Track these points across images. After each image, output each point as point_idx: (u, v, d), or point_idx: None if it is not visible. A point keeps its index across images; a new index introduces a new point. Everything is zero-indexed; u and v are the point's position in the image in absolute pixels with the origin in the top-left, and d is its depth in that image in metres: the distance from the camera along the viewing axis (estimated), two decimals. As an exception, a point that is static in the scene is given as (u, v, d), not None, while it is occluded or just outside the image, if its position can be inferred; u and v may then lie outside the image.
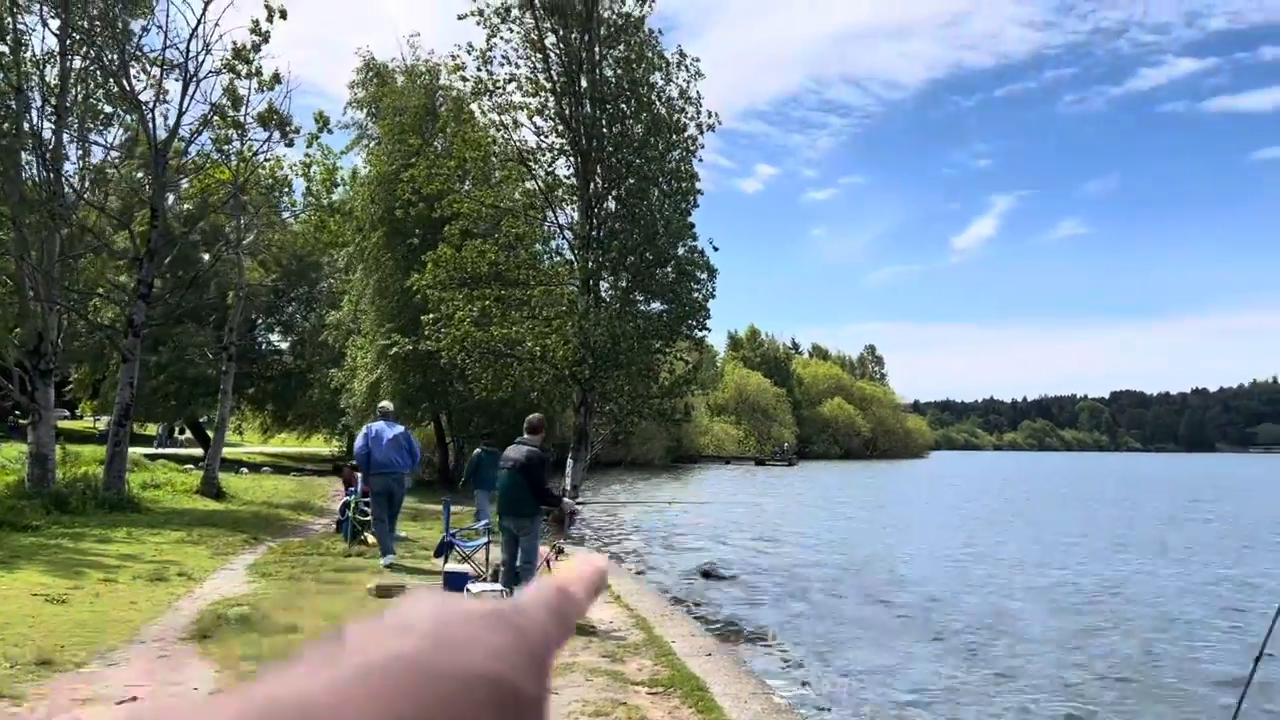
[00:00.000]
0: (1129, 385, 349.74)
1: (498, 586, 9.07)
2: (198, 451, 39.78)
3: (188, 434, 50.20)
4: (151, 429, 59.59)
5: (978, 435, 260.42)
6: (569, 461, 19.51)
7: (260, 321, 42.33)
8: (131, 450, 30.34)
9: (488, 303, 19.16)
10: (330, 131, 21.32)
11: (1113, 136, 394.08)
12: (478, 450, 16.73)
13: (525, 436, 9.44)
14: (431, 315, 19.74)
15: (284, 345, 45.12)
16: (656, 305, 21.26)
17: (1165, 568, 18.13)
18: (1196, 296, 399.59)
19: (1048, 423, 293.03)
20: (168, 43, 18.07)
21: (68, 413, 60.42)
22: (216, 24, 18.45)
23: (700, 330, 21.82)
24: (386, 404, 13.59)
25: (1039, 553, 20.35)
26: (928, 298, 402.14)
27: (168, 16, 18.47)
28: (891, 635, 11.30)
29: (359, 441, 12.56)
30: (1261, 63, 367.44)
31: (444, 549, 11.40)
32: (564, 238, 21.50)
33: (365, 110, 32.12)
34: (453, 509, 12.64)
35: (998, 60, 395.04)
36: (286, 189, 23.41)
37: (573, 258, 20.76)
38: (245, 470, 33.53)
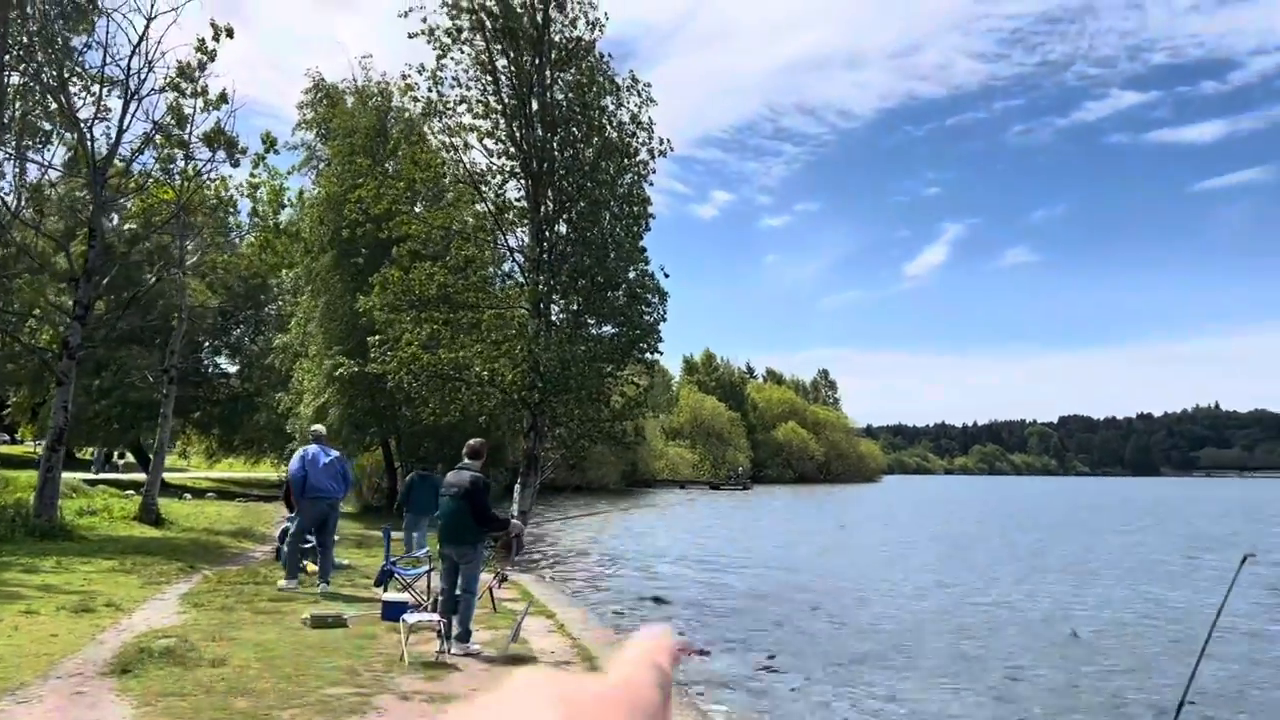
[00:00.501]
0: (1076, 410, 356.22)
1: (435, 616, 8.84)
2: (140, 477, 38.82)
3: (127, 458, 48.85)
4: (90, 454, 58.16)
5: (929, 459, 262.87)
6: (517, 486, 19.25)
7: (207, 344, 41.55)
8: (72, 476, 29.63)
9: (436, 325, 18.91)
10: (277, 152, 21.05)
11: (1059, 166, 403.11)
12: (411, 474, 16.62)
13: (467, 461, 9.26)
14: (378, 337, 19.45)
15: (231, 368, 44.37)
16: (608, 329, 21.15)
17: (1088, 591, 18.30)
18: (1141, 323, 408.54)
19: (998, 447, 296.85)
20: (108, 59, 17.70)
21: (7, 437, 58.74)
22: (159, 41, 18.06)
23: (652, 353, 21.70)
24: (319, 427, 13.24)
25: (997, 578, 20.46)
26: (880, 323, 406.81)
27: (108, 33, 17.98)
28: (844, 662, 11.22)
29: (294, 464, 12.25)
30: (1201, 96, 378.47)
31: (384, 577, 11.15)
32: (515, 260, 21.35)
33: (314, 131, 31.81)
34: (393, 535, 12.38)
35: (949, 91, 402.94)
36: (232, 209, 23.04)
37: (524, 280, 20.60)
38: (188, 496, 32.78)
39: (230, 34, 19.39)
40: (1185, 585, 19.40)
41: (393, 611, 9.66)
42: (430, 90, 19.32)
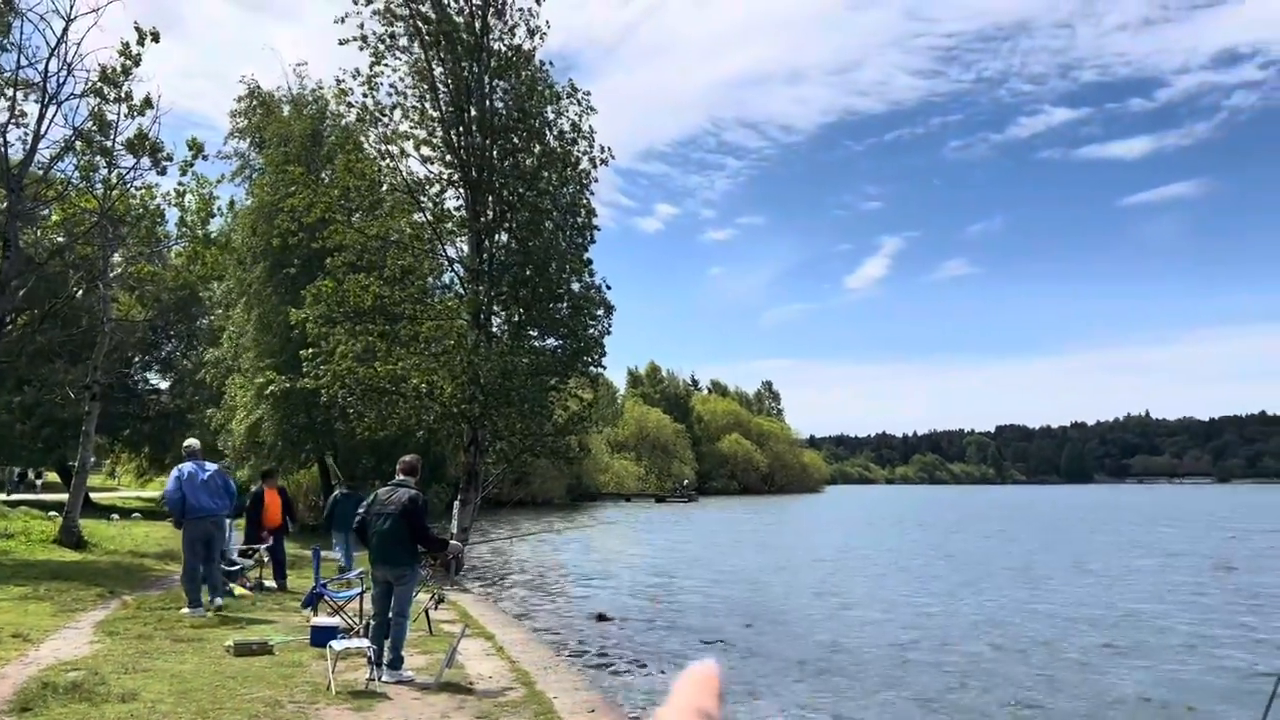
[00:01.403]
0: (1013, 420, 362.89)
1: (365, 642, 8.40)
2: (65, 497, 37.41)
3: (45, 477, 46.90)
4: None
5: (871, 469, 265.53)
6: (456, 503, 18.77)
7: (136, 360, 40.25)
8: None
9: (371, 338, 18.37)
10: (206, 158, 20.35)
11: (995, 181, 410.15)
12: (336, 492, 16.74)
13: (402, 478, 8.84)
14: (311, 351, 18.84)
15: (162, 384, 43.04)
16: (551, 341, 20.80)
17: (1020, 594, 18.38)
18: (1074, 334, 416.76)
19: (937, 457, 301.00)
20: (23, 62, 16.95)
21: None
22: (79, 44, 17.36)
23: (596, 366, 21.39)
24: (193, 442, 12.55)
25: (950, 586, 20.45)
26: (822, 335, 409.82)
27: (21, 34, 17.22)
28: (793, 680, 10.98)
29: (170, 485, 11.56)
30: (1129, 113, 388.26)
31: (313, 600, 10.65)
32: (454, 272, 20.91)
33: (249, 140, 30.99)
34: (325, 556, 11.88)
35: (887, 106, 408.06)
36: (159, 219, 22.25)
37: (463, 291, 20.17)
38: (115, 516, 31.57)
39: (156, 38, 18.72)
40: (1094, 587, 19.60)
41: (321, 636, 9.17)
42: (365, 97, 18.86)
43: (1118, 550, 31.01)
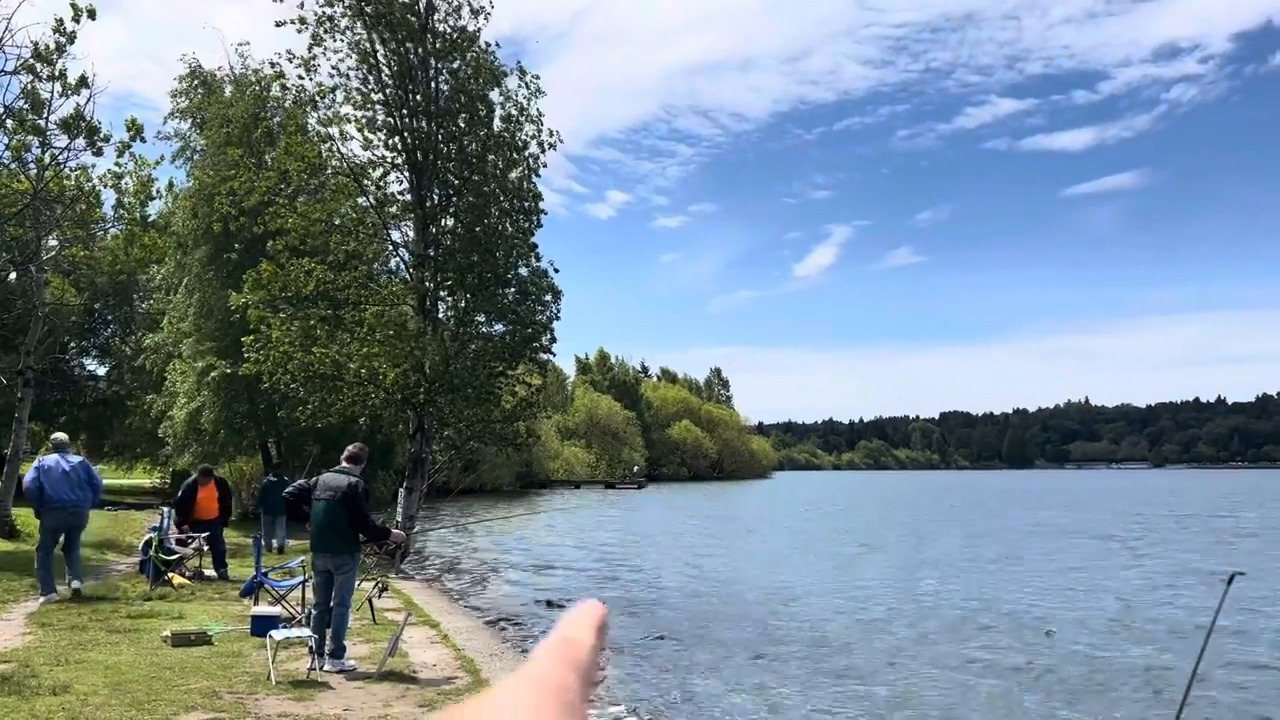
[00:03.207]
0: (957, 406, 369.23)
1: (307, 631, 8.31)
2: (-3, 486, 36.41)
3: None
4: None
5: (818, 456, 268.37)
6: (402, 491, 18.60)
7: (72, 345, 39.27)
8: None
9: (311, 323, 18.10)
10: (144, 140, 19.82)
11: (942, 170, 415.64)
12: (264, 479, 19.04)
13: (345, 465, 8.74)
14: (251, 337, 18.52)
15: (100, 370, 42.07)
16: (498, 327, 20.66)
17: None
18: (1015, 321, 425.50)
19: (883, 443, 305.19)
20: (-51, 36, 16.35)
21: None
22: (8, 20, 16.79)
23: (545, 353, 21.30)
24: (60, 435, 12.79)
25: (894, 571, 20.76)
26: (771, 323, 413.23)
27: (-55, 7, 16.63)
28: (742, 667, 11.08)
29: (29, 476, 11.76)
30: (1073, 105, 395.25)
31: (252, 588, 10.51)
32: (400, 257, 20.66)
33: (189, 121, 30.30)
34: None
35: (838, 95, 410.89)
36: (95, 201, 21.67)
37: (409, 277, 19.94)
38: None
39: (92, 15, 18.15)
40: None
41: (261, 626, 9.06)
42: (302, 79, 18.52)
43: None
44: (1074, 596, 16.84)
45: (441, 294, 19.60)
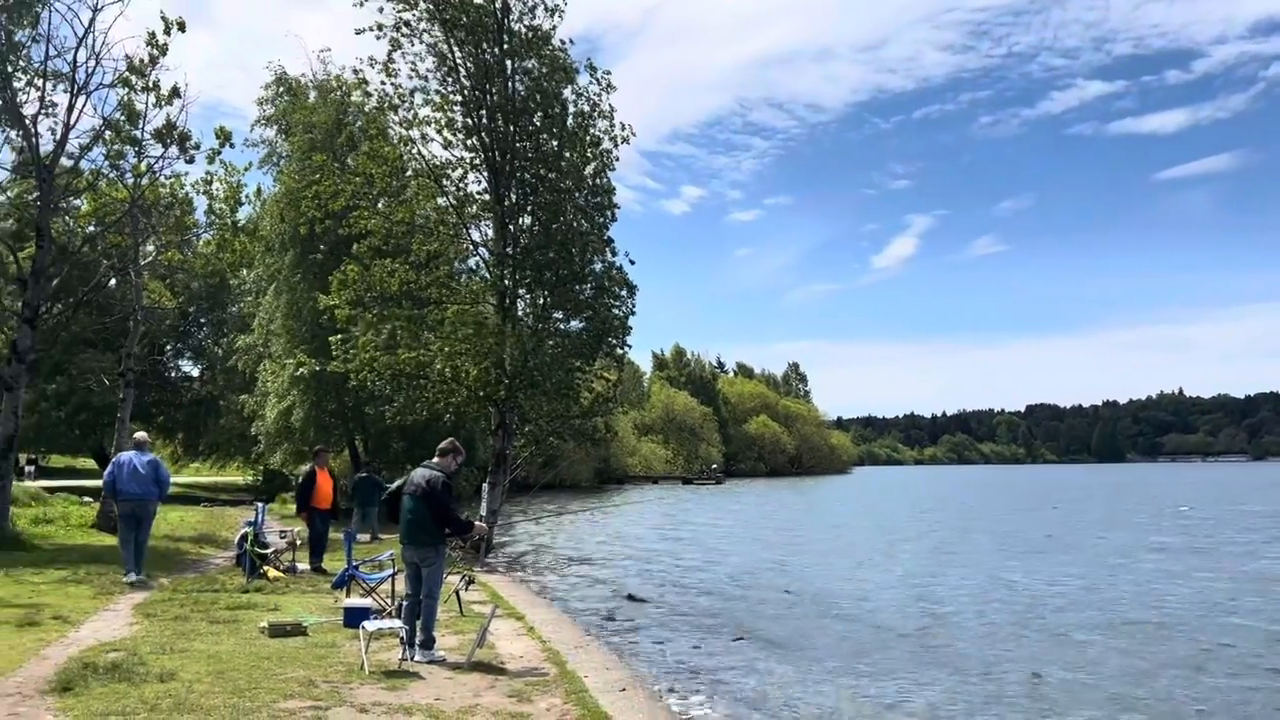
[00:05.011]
0: (1043, 399, 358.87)
1: (398, 623, 8.49)
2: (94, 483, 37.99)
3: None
4: (57, 461, 56.75)
5: (899, 450, 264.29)
6: (485, 486, 18.88)
7: (169, 347, 40.77)
8: (35, 484, 28.84)
9: (395, 324, 18.49)
10: (232, 146, 20.47)
11: (1026, 157, 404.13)
12: (358, 475, 19.90)
13: (434, 460, 8.90)
14: (340, 336, 19.00)
15: (195, 371, 43.58)
16: (575, 323, 20.84)
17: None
18: (1105, 311, 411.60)
19: (967, 437, 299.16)
20: (52, 52, 17.10)
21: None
22: (106, 34, 17.49)
23: (621, 347, 21.43)
24: (141, 434, 13.89)
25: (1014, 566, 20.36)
26: (849, 316, 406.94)
27: (49, 25, 17.38)
28: (822, 661, 10.99)
29: (108, 469, 13.13)
30: (1165, 86, 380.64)
31: (344, 581, 10.77)
32: (480, 255, 20.97)
33: (275, 127, 31.16)
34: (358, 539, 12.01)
35: (916, 83, 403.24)
36: (188, 207, 22.47)
37: (489, 276, 20.22)
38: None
39: (182, 28, 18.83)
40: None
41: (355, 618, 9.28)
42: (384, 84, 18.90)
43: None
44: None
45: (520, 291, 19.84)
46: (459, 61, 18.65)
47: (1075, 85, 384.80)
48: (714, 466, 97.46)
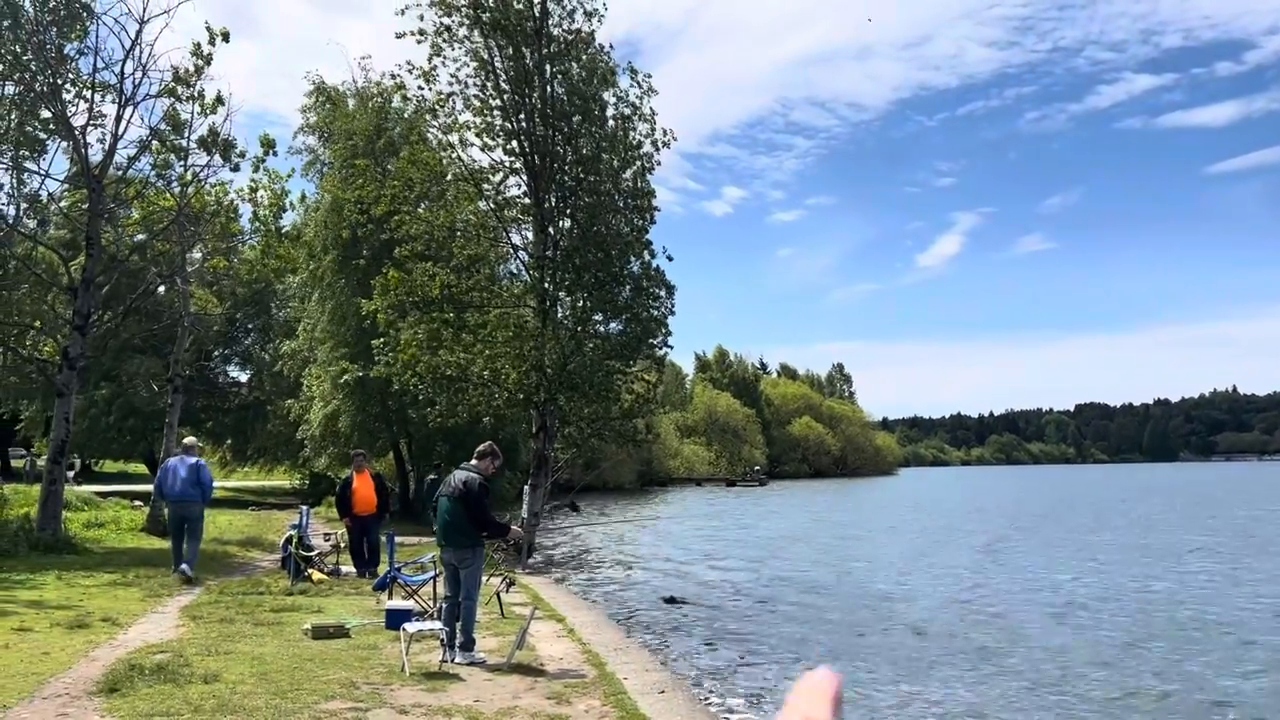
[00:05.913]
0: (1093, 398, 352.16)
1: (439, 625, 8.50)
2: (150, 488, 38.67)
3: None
4: (110, 466, 57.83)
5: (945, 451, 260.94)
6: (526, 489, 18.93)
7: (216, 353, 41.40)
8: (84, 489, 29.46)
9: (436, 326, 18.59)
10: (275, 154, 20.77)
11: (1073, 153, 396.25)
12: (429, 476, 19.01)
13: (472, 462, 8.91)
14: (382, 340, 19.16)
15: (242, 376, 44.21)
16: (615, 325, 20.82)
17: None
18: (1156, 308, 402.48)
19: (1014, 437, 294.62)
20: (100, 64, 17.44)
21: (25, 451, 58.51)
22: (152, 45, 17.80)
23: (661, 349, 21.37)
24: (189, 439, 14.49)
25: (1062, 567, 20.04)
26: (894, 315, 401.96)
27: (96, 38, 17.74)
28: (865, 664, 10.85)
29: (159, 474, 14.15)
30: (1216, 78, 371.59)
31: (385, 583, 10.83)
32: (519, 259, 21.03)
33: (317, 134, 31.56)
34: (397, 540, 12.08)
35: (960, 80, 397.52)
36: (233, 214, 22.79)
37: (529, 279, 20.28)
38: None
39: (226, 38, 19.11)
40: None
41: (395, 619, 9.32)
42: (423, 89, 19.02)
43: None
44: None
45: (560, 294, 19.87)
46: (499, 66, 18.71)
47: (1123, 79, 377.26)
48: (757, 468, 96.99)
